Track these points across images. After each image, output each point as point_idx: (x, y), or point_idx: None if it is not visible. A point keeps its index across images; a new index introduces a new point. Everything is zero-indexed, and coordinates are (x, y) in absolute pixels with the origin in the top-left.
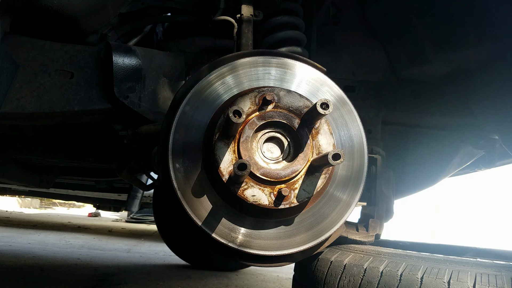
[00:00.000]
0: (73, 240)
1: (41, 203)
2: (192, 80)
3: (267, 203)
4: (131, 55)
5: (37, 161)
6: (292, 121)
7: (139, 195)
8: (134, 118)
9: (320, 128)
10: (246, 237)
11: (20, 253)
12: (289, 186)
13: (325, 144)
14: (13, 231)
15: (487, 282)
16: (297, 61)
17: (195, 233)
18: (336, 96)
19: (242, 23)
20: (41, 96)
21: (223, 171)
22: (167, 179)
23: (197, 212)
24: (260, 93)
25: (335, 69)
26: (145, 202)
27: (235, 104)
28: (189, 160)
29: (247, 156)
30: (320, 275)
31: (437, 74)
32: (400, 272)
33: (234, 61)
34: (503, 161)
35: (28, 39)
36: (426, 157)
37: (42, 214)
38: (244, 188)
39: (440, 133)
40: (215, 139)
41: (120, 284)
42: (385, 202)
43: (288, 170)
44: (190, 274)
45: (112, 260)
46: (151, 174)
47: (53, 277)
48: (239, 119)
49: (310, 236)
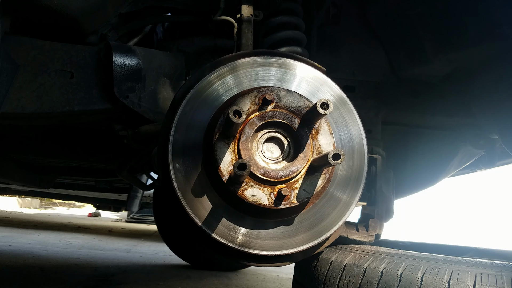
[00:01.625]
0: (73, 240)
1: (41, 203)
2: (192, 80)
3: (267, 203)
4: (131, 55)
5: (37, 161)
6: (292, 121)
7: (139, 195)
8: (134, 118)
9: (320, 128)
10: (246, 237)
11: (20, 253)
12: (289, 186)
13: (325, 144)
14: (13, 231)
15: (487, 282)
16: (297, 61)
17: (195, 233)
18: (336, 96)
19: (242, 23)
20: (41, 96)
21: (223, 171)
22: (167, 179)
23: (197, 212)
24: (260, 93)
25: (335, 69)
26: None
27: (235, 104)
28: (189, 160)
29: (247, 156)
30: (320, 275)
31: (437, 74)
32: (400, 272)
33: (234, 61)
34: (503, 161)
35: (28, 39)
36: (426, 157)
37: (42, 214)
38: (244, 188)
39: (440, 133)
40: (215, 139)
41: (120, 284)
42: (385, 202)
43: (288, 170)
44: (190, 274)
45: (112, 260)
46: (151, 174)
47: (53, 277)
48: (239, 119)
49: (310, 236)
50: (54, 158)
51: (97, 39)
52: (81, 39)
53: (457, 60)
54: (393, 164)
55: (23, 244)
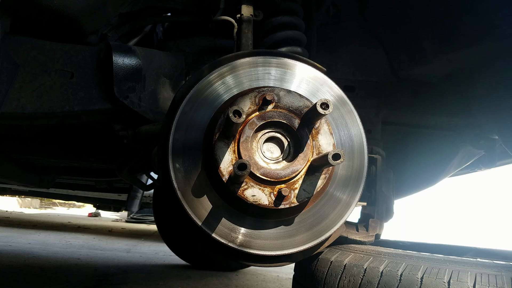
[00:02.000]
0: (73, 240)
1: (41, 203)
2: (192, 80)
3: (267, 203)
4: (131, 55)
5: (37, 161)
6: (292, 121)
7: (139, 195)
8: (134, 118)
9: (320, 128)
10: (246, 237)
11: (20, 253)
12: (289, 186)
13: (325, 144)
14: (13, 231)
15: (487, 282)
16: (297, 61)
17: (195, 233)
18: (336, 96)
19: (242, 23)
20: (41, 96)
21: (223, 171)
22: (167, 179)
23: (197, 212)
24: (260, 93)
25: (335, 69)
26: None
27: (235, 104)
28: (189, 160)
29: (247, 156)
30: (320, 275)
31: (437, 74)
32: (400, 272)
33: (234, 61)
34: (503, 161)
35: (28, 39)
36: (426, 157)
37: (42, 214)
38: (244, 188)
39: (440, 133)
40: (215, 139)
41: (120, 284)
42: (385, 202)
43: (288, 170)
44: (190, 274)
45: (112, 260)
46: (151, 174)
47: (53, 277)
48: (239, 119)
49: (310, 236)
50: (54, 158)
51: (97, 39)
52: (81, 39)
53: (457, 60)
54: (393, 164)
55: (23, 244)
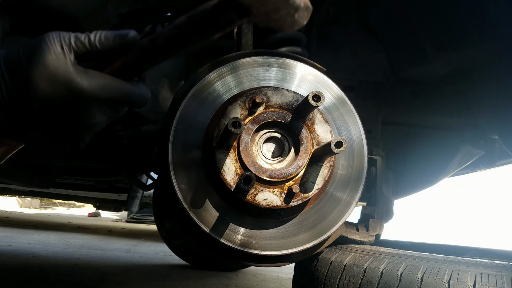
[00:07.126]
0: (73, 240)
1: (41, 203)
2: (192, 80)
3: (279, 204)
4: None
5: (37, 161)
6: (286, 117)
7: (139, 195)
8: (134, 118)
9: (314, 118)
10: (248, 237)
11: (20, 253)
12: (297, 182)
13: (323, 132)
14: (13, 231)
15: (487, 282)
16: (297, 61)
17: (195, 234)
18: (336, 96)
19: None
20: None
21: (230, 182)
22: (167, 179)
23: (197, 212)
24: (248, 97)
25: (335, 69)
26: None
27: (227, 115)
28: (190, 160)
29: (250, 162)
30: (320, 275)
31: (437, 74)
32: (400, 272)
33: (234, 61)
34: (503, 161)
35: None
36: (426, 157)
37: (42, 214)
38: (254, 194)
39: (440, 133)
40: (215, 151)
41: (120, 284)
42: (385, 202)
43: (293, 166)
44: (190, 274)
45: (112, 260)
46: (151, 174)
47: (53, 277)
48: (239, 130)
49: (310, 236)
50: (54, 158)
51: None
52: None
53: (457, 60)
54: (393, 164)
55: (23, 244)
